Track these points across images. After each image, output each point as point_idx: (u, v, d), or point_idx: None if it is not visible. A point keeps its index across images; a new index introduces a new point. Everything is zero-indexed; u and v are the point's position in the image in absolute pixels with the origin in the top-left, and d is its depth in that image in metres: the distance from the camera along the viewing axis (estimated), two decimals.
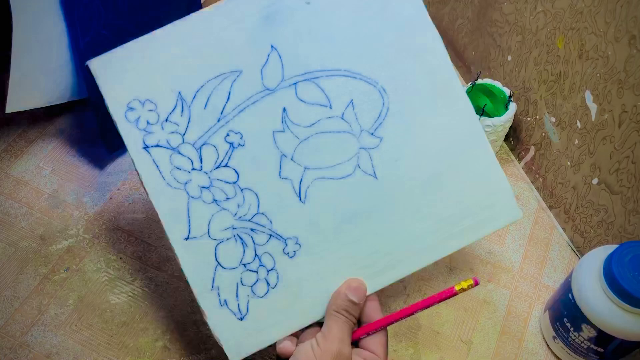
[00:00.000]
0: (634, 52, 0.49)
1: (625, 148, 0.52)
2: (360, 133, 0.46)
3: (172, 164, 0.45)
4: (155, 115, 0.45)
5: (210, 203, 0.45)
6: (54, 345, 0.54)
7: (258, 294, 0.45)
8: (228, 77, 0.46)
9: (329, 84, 0.46)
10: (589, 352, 0.51)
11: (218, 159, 0.45)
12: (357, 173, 0.46)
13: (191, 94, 0.45)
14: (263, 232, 0.45)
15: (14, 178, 0.64)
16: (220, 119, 0.45)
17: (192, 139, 0.45)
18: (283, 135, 0.46)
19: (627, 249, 0.46)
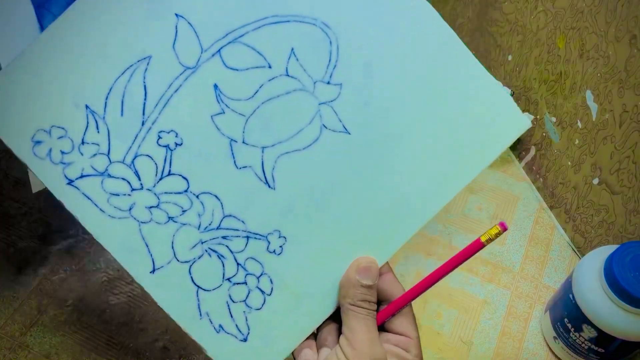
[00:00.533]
0: (634, 51, 0.49)
1: (626, 148, 0.52)
2: (314, 86, 0.38)
3: (107, 191, 0.38)
4: (68, 141, 0.37)
5: (166, 222, 0.38)
6: (53, 346, 0.54)
7: (255, 307, 0.39)
8: (137, 68, 0.37)
9: (259, 39, 0.37)
10: (589, 353, 0.51)
11: (158, 170, 0.38)
12: (324, 134, 0.38)
13: (101, 104, 0.37)
14: (238, 237, 0.39)
15: (14, 178, 0.64)
16: (144, 121, 0.37)
17: (120, 155, 0.38)
18: (224, 117, 0.38)
19: (628, 249, 0.46)
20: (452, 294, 0.59)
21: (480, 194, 0.66)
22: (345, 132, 0.39)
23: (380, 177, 0.39)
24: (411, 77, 0.39)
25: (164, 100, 0.37)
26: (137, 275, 0.38)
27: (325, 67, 0.38)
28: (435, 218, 0.63)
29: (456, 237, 0.62)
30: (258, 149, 0.38)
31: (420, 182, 0.39)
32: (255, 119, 0.38)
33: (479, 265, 0.61)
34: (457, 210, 0.64)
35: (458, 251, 0.38)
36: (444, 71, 0.39)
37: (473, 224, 0.63)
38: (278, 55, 0.38)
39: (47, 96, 0.37)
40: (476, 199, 0.65)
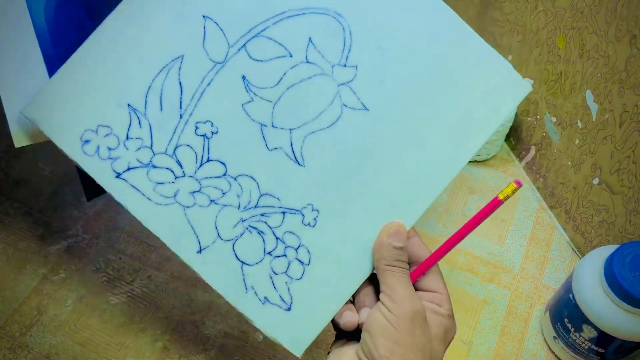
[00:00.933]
0: (634, 51, 0.49)
1: (626, 148, 0.52)
2: (332, 70, 0.42)
3: (152, 180, 0.42)
4: (114, 138, 0.42)
5: (209, 205, 0.42)
6: (53, 346, 0.54)
7: (296, 277, 0.42)
8: (172, 67, 0.42)
9: (279, 32, 0.42)
10: (589, 353, 0.51)
11: (197, 157, 0.42)
12: (345, 113, 0.42)
13: (141, 101, 0.42)
14: (275, 213, 0.42)
15: (14, 178, 0.64)
16: (182, 114, 0.42)
17: (162, 147, 0.42)
18: (253, 105, 0.42)
19: (628, 249, 0.46)
20: (452, 293, 0.59)
21: (480, 194, 0.66)
22: (364, 108, 0.42)
23: (400, 147, 0.42)
24: (419, 55, 0.42)
25: (198, 93, 0.42)
26: (185, 257, 0.42)
27: (341, 52, 0.42)
28: (435, 218, 0.64)
29: None
30: (286, 131, 0.42)
31: (437, 149, 0.42)
32: (281, 104, 0.42)
33: (479, 265, 0.61)
34: (457, 210, 0.64)
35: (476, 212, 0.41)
36: (447, 47, 0.42)
37: None
38: (297, 44, 0.42)
39: (92, 99, 0.41)
40: (476, 198, 0.65)
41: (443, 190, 0.43)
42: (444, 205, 0.65)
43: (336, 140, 0.42)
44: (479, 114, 0.43)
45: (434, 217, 0.64)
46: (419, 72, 0.42)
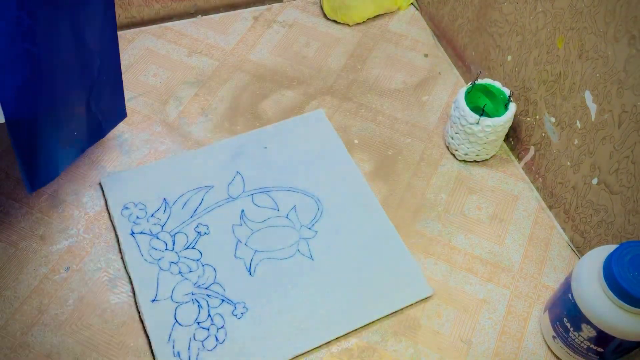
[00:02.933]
0: (633, 52, 0.49)
1: (625, 148, 0.52)
2: (300, 227, 0.61)
3: (151, 245, 0.59)
4: (144, 212, 0.61)
5: (177, 274, 0.57)
6: (54, 345, 0.54)
7: (207, 348, 0.53)
8: (203, 189, 0.63)
9: (278, 195, 0.63)
10: (588, 352, 0.51)
11: (187, 242, 0.59)
12: (297, 255, 0.59)
13: (174, 199, 0.62)
14: (217, 297, 0.56)
15: (14, 178, 0.64)
16: (193, 215, 0.61)
17: (169, 228, 0.60)
18: (240, 228, 0.61)
19: (627, 249, 0.46)
20: (451, 293, 0.59)
21: (479, 194, 0.66)
22: (310, 258, 0.60)
23: (323, 292, 0.57)
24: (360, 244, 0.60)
25: (210, 208, 0.62)
26: (141, 300, 0.55)
27: (311, 219, 0.62)
28: (435, 218, 0.64)
29: (455, 237, 0.63)
30: (252, 250, 0.59)
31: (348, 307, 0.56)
32: (258, 234, 0.60)
33: (479, 265, 0.61)
34: (456, 210, 0.65)
35: None
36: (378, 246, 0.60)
37: (472, 224, 0.64)
38: (285, 206, 0.62)
39: (145, 189, 0.62)
40: (476, 198, 0.65)
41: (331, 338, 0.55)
42: (444, 205, 0.65)
43: (283, 269, 0.58)
44: (386, 298, 0.57)
45: (433, 216, 0.64)
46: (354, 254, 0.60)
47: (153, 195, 0.62)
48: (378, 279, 0.58)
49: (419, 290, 0.58)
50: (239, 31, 0.79)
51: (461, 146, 0.66)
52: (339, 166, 0.66)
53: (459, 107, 0.64)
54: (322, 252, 0.59)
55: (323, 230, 0.61)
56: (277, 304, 0.56)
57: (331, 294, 0.57)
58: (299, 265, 0.59)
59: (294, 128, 0.69)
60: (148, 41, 0.77)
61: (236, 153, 0.66)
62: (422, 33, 0.81)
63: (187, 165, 0.64)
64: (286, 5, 0.83)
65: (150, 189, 0.62)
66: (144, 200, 0.61)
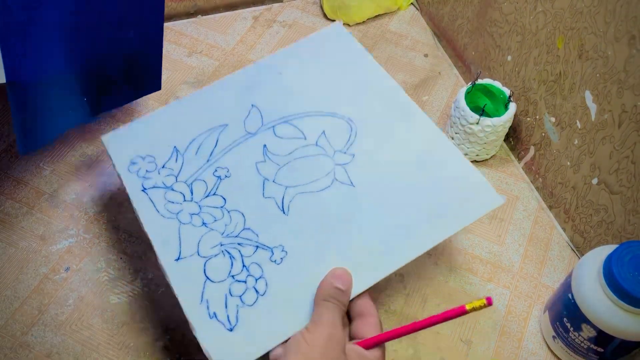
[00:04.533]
0: (633, 52, 0.49)
1: (625, 148, 0.52)
2: (334, 153, 0.53)
3: (166, 199, 0.51)
4: (154, 165, 0.53)
5: (200, 226, 0.50)
6: (54, 345, 0.54)
7: (247, 303, 0.46)
8: (216, 129, 0.54)
9: (302, 123, 0.55)
10: (588, 352, 0.51)
11: (207, 190, 0.51)
12: (334, 184, 0.51)
13: (184, 146, 0.54)
14: (250, 245, 0.49)
15: (14, 178, 0.64)
16: (209, 159, 0.53)
17: (184, 177, 0.52)
18: (264, 164, 0.52)
19: (627, 249, 0.46)
20: (451, 293, 0.59)
21: None
22: (350, 184, 0.52)
23: (372, 222, 0.49)
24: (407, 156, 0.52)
25: (227, 149, 0.54)
26: (164, 261, 0.48)
27: (345, 143, 0.54)
28: None
29: (455, 237, 0.63)
30: (282, 187, 0.51)
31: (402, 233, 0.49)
32: (286, 168, 0.52)
33: (479, 264, 0.61)
34: None
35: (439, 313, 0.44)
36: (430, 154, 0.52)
37: (472, 224, 0.64)
38: (313, 133, 0.54)
39: (152, 139, 0.54)
40: None
41: (397, 268, 0.48)
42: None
43: (321, 202, 0.51)
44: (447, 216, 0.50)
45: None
46: (404, 172, 0.52)
47: (161, 145, 0.54)
48: (436, 193, 0.50)
49: (488, 199, 0.50)
50: (239, 31, 0.79)
51: (461, 146, 0.66)
52: (367, 78, 0.57)
53: (459, 107, 0.64)
54: (364, 176, 0.52)
55: (360, 153, 0.53)
56: (321, 243, 0.49)
57: (382, 221, 0.49)
58: (338, 195, 0.51)
59: (310, 47, 0.59)
60: None
61: (248, 85, 0.57)
62: (422, 33, 0.81)
63: (195, 107, 0.56)
64: (286, 5, 0.83)
65: (157, 139, 0.54)
66: (152, 152, 0.54)
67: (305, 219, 0.50)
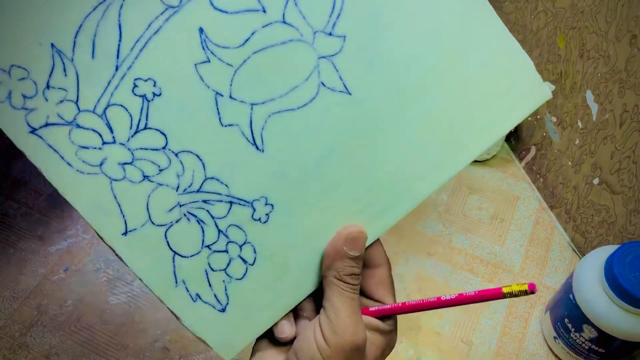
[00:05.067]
0: (635, 51, 0.49)
1: (627, 148, 0.52)
2: (313, 37, 0.34)
3: (75, 143, 0.33)
4: (31, 84, 0.33)
5: (141, 181, 0.34)
6: (53, 346, 0.53)
7: (236, 276, 0.36)
8: (111, 3, 0.32)
9: None
10: (590, 353, 0.51)
11: (133, 122, 0.34)
12: (322, 93, 0.35)
13: (69, 43, 0.33)
14: (220, 201, 0.35)
15: (14, 178, 0.64)
16: (119, 66, 0.33)
17: (90, 104, 0.33)
18: (209, 67, 0.34)
19: (629, 250, 0.46)
20: None
21: (480, 194, 0.66)
22: (345, 92, 0.35)
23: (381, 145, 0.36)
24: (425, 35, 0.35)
25: (142, 42, 0.33)
26: (107, 237, 0.34)
27: (328, 15, 0.34)
28: (435, 217, 0.63)
29: (456, 237, 0.62)
30: (247, 105, 0.34)
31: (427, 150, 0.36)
32: (245, 71, 0.34)
33: (480, 265, 0.61)
34: (457, 210, 0.64)
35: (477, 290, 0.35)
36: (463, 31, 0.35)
37: (473, 224, 0.63)
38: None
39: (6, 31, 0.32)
40: (476, 198, 0.65)
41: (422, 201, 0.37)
42: (444, 205, 0.65)
43: (306, 125, 0.35)
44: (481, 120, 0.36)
45: (434, 217, 0.64)
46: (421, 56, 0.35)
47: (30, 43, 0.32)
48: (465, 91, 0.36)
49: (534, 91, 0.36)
50: None
51: None
52: None
53: None
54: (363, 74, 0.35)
55: (354, 31, 0.34)
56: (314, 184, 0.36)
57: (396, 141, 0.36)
58: (329, 110, 0.35)
59: None
60: None
61: None
62: None
63: None
64: None
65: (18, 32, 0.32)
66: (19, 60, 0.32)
67: (289, 154, 0.35)
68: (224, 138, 0.34)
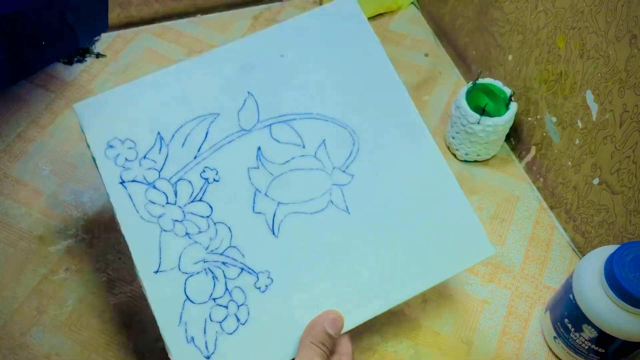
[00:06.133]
0: (634, 51, 0.49)
1: (627, 148, 0.52)
2: (332, 170, 0.48)
3: (147, 198, 0.46)
4: (134, 152, 0.47)
5: (183, 236, 0.45)
6: (53, 346, 0.54)
7: (227, 331, 0.44)
8: (206, 119, 0.48)
9: (302, 126, 0.49)
10: (589, 353, 0.51)
11: (193, 194, 0.46)
12: (329, 208, 0.48)
13: (170, 134, 0.47)
14: (234, 266, 0.45)
15: (14, 178, 0.64)
16: (197, 156, 0.47)
17: (168, 174, 0.47)
18: (257, 171, 0.47)
19: (628, 250, 0.46)
20: (452, 294, 0.59)
21: (480, 194, 0.66)
22: (346, 211, 0.48)
23: (364, 257, 0.47)
24: (407, 190, 0.49)
25: (218, 146, 0.48)
26: (142, 272, 0.44)
27: (345, 159, 0.49)
28: None
29: None
30: (275, 203, 0.47)
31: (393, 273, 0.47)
32: (280, 180, 0.48)
33: (479, 265, 0.61)
34: None
35: None
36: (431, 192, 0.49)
37: None
38: (312, 140, 0.49)
39: (133, 118, 0.47)
40: (476, 199, 0.65)
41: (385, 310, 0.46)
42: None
43: (314, 227, 0.47)
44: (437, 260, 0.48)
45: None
46: (400, 205, 0.48)
47: (144, 128, 0.47)
48: (431, 235, 0.48)
49: (479, 249, 0.48)
50: (238, 31, 0.79)
51: (462, 146, 0.66)
52: (378, 79, 0.51)
53: (459, 106, 0.64)
54: (361, 204, 0.48)
55: (360, 174, 0.48)
56: (310, 273, 0.46)
57: (374, 258, 0.47)
58: (332, 221, 0.47)
59: (318, 25, 0.52)
60: (147, 41, 0.76)
61: (245, 64, 0.50)
62: (422, 32, 0.80)
63: (184, 83, 0.49)
64: (286, 5, 0.82)
65: (139, 119, 0.48)
66: (132, 136, 0.47)
67: (295, 244, 0.46)
68: (252, 221, 0.46)
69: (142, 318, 0.55)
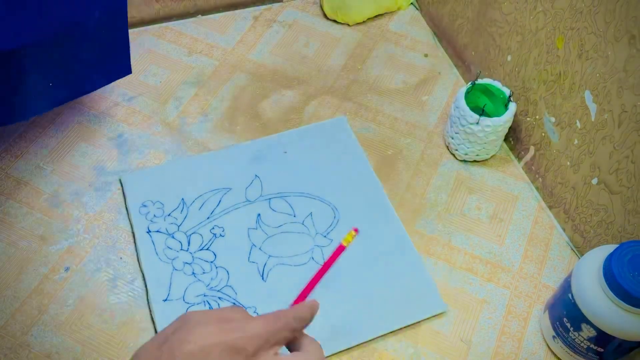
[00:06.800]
0: (633, 51, 0.49)
1: (625, 148, 0.52)
2: (315, 235, 0.61)
3: (166, 244, 0.59)
4: (162, 211, 0.62)
5: (190, 275, 0.58)
6: (54, 345, 0.54)
7: None
8: (220, 191, 0.63)
9: (295, 201, 0.63)
10: (588, 352, 0.51)
11: (202, 244, 0.60)
12: (310, 262, 0.59)
13: (191, 200, 0.63)
14: (228, 300, 0.56)
15: (14, 178, 0.64)
16: (210, 217, 0.62)
17: (185, 228, 0.61)
18: (255, 231, 0.61)
19: (627, 249, 0.46)
20: (451, 293, 0.59)
21: (479, 194, 0.66)
22: None
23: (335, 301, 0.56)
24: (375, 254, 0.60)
25: (226, 211, 0.62)
26: (153, 299, 0.56)
27: (327, 227, 0.62)
28: (435, 217, 0.63)
29: (455, 237, 0.63)
30: (266, 255, 0.60)
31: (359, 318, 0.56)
32: (273, 239, 0.61)
33: (479, 264, 0.61)
34: (456, 210, 0.65)
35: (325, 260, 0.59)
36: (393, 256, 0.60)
37: (472, 224, 0.64)
38: (302, 212, 0.63)
39: (163, 188, 0.63)
40: (475, 198, 0.65)
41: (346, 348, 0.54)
42: (444, 205, 0.65)
43: (295, 276, 0.58)
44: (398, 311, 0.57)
45: (433, 216, 0.64)
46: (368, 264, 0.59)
47: (171, 195, 0.62)
48: (392, 291, 0.58)
49: (433, 305, 0.57)
50: (238, 31, 0.79)
51: (461, 146, 0.66)
52: (358, 175, 0.66)
53: (459, 107, 0.64)
54: (337, 261, 0.59)
55: (338, 239, 0.61)
56: None
57: (343, 305, 0.56)
58: (311, 272, 0.58)
59: (316, 134, 0.69)
60: (148, 41, 0.77)
61: (256, 156, 0.66)
62: (422, 33, 0.81)
63: (207, 166, 0.65)
64: (286, 5, 0.83)
65: (168, 188, 0.63)
66: (162, 199, 0.62)
67: (279, 288, 0.57)
68: (246, 268, 0.59)
69: (143, 317, 0.56)
